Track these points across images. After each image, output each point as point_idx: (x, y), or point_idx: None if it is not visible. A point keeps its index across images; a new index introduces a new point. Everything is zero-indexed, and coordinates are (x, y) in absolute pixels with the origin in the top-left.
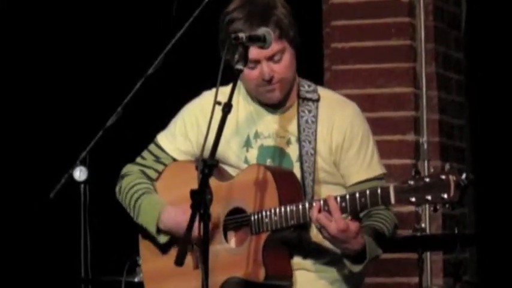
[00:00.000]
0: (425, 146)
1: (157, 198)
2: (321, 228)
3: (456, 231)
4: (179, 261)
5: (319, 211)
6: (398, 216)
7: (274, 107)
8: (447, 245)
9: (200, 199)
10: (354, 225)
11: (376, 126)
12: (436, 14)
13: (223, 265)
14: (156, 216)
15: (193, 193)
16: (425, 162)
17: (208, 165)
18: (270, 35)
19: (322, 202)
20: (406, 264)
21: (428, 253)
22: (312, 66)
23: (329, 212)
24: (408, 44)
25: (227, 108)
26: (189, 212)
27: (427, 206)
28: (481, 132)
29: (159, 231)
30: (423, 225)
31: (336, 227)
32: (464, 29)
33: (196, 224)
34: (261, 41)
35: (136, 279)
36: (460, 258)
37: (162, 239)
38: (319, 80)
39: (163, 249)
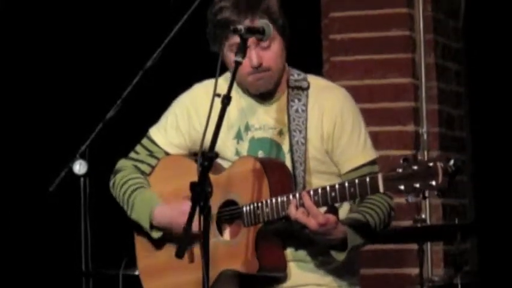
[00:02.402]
0: (425, 137)
1: (150, 194)
2: (300, 225)
3: (456, 222)
4: (180, 254)
5: (296, 209)
6: (398, 207)
7: (264, 98)
8: (447, 236)
9: (200, 192)
10: (332, 217)
11: (376, 117)
12: (434, 4)
13: (218, 258)
14: (149, 212)
15: (193, 185)
16: (425, 153)
17: (208, 157)
18: (269, 28)
19: (297, 197)
20: (406, 255)
21: (428, 244)
22: (310, 58)
23: (304, 207)
24: (407, 34)
25: (226, 100)
26: (181, 208)
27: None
28: (480, 122)
29: (152, 227)
30: (423, 216)
31: (316, 223)
32: (462, 18)
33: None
34: (260, 33)
35: (136, 273)
36: (461, 249)
37: (155, 234)
38: (318, 72)
39: (158, 244)
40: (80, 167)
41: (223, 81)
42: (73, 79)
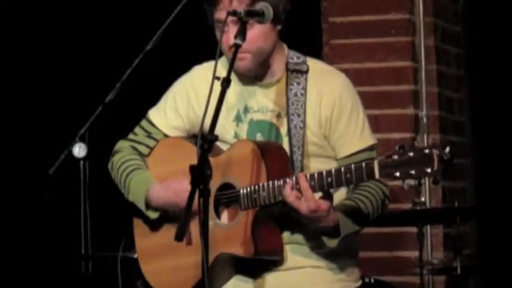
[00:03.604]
0: (425, 120)
1: (146, 175)
2: (292, 208)
3: (456, 205)
4: (179, 237)
5: (292, 189)
6: (397, 190)
7: (263, 81)
8: (447, 219)
9: (200, 174)
10: (324, 205)
11: (376, 100)
12: None
13: (214, 241)
14: (144, 193)
15: (192, 168)
16: (425, 136)
17: (208, 140)
18: (268, 10)
19: (294, 181)
20: (406, 238)
21: (428, 227)
22: (310, 41)
23: (300, 191)
24: (407, 17)
25: (226, 83)
26: (175, 187)
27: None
28: (480, 105)
29: (148, 207)
30: (423, 199)
31: (307, 207)
32: (462, 1)
33: (192, 194)
34: (260, 16)
35: (135, 255)
36: (460, 232)
37: (152, 215)
38: (317, 55)
39: (155, 226)
40: (79, 150)
41: (221, 64)
42: (73, 62)
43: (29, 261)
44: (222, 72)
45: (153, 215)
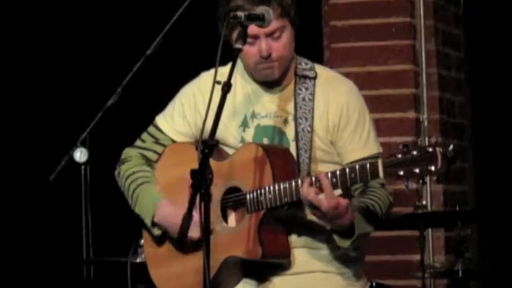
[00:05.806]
0: (426, 123)
1: (154, 191)
2: (311, 206)
3: (457, 208)
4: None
5: (310, 187)
6: (399, 193)
7: (271, 85)
8: (448, 222)
9: (200, 179)
10: (344, 202)
11: (376, 104)
12: None
13: (222, 244)
14: (152, 210)
15: (193, 173)
16: (426, 139)
17: (208, 145)
18: (269, 14)
19: (313, 179)
20: (407, 241)
21: (429, 230)
22: (311, 45)
23: (320, 188)
24: (408, 21)
25: (226, 87)
26: (183, 212)
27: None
28: (481, 108)
29: (154, 224)
30: (424, 202)
31: (327, 204)
32: (463, 5)
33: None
34: (260, 20)
35: (138, 260)
36: (462, 235)
37: (156, 232)
38: (318, 58)
39: (159, 239)
40: (80, 155)
41: (228, 70)
42: (74, 67)
43: (31, 266)
44: (233, 78)
45: (157, 232)
